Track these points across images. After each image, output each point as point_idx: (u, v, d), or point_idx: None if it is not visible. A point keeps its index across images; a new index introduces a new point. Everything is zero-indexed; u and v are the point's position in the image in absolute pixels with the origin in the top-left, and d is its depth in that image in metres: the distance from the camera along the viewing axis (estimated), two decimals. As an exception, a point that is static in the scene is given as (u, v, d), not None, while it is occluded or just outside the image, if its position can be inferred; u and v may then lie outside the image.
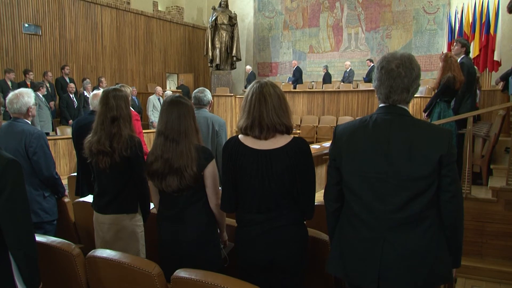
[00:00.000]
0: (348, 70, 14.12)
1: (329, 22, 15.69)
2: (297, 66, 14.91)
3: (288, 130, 2.24)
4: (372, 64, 13.72)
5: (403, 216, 1.85)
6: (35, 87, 9.13)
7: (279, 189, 2.20)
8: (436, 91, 5.54)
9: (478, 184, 5.30)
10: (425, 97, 9.79)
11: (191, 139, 2.45)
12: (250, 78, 14.90)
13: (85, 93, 10.73)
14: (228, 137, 3.60)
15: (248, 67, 15.56)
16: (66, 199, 3.67)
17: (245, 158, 2.23)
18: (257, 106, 2.20)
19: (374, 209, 1.89)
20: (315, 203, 2.30)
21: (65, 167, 8.94)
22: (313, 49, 16.12)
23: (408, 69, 1.88)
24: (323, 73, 14.46)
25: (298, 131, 12.39)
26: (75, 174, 4.34)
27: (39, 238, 2.40)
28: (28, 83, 10.00)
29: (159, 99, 11.76)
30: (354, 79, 14.10)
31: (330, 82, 14.21)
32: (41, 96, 9.18)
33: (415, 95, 2.01)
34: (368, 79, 13.74)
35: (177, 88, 15.71)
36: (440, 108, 5.39)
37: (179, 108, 2.46)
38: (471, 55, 8.65)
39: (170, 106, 2.48)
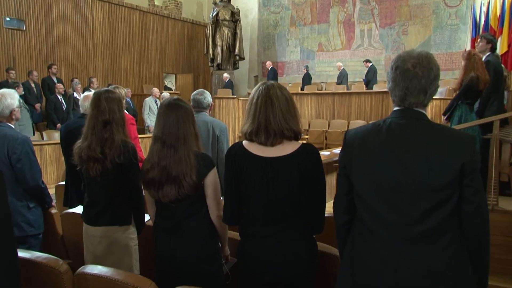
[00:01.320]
0: (341, 71, 14.27)
1: (340, 18, 15.72)
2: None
3: (296, 136, 2.25)
4: (370, 65, 13.82)
5: (421, 229, 1.81)
6: (10, 87, 9.06)
7: (287, 200, 2.21)
8: (457, 92, 5.50)
9: (507, 195, 5.19)
10: (445, 99, 9.75)
11: (190, 145, 2.46)
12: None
13: (75, 95, 10.73)
14: (230, 143, 3.61)
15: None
16: (53, 210, 3.64)
17: (249, 166, 2.24)
18: (263, 110, 2.21)
19: (388, 221, 1.86)
20: (325, 215, 2.30)
21: (52, 175, 8.91)
22: (323, 47, 16.15)
23: (425, 68, 1.85)
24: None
25: (306, 136, 12.40)
26: (63, 182, 4.33)
27: (22, 253, 2.36)
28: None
29: (155, 101, 11.81)
30: (350, 80, 14.16)
31: (309, 82, 14.43)
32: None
33: (433, 97, 2.00)
34: (366, 81, 13.79)
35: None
36: (461, 111, 5.35)
37: (177, 112, 2.47)
38: (498, 52, 8.54)
39: (168, 109, 2.49)
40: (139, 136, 5.52)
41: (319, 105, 13.37)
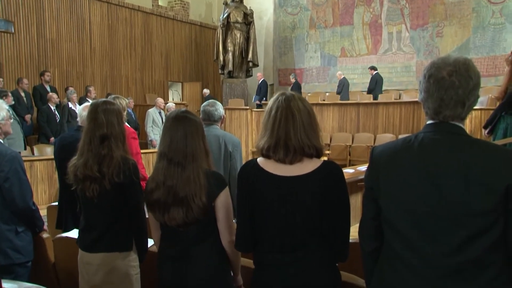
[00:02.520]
0: (341, 80, 14.38)
1: (366, 19, 15.76)
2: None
3: (318, 153, 2.25)
4: (375, 73, 13.87)
5: (459, 261, 1.76)
6: None
7: (307, 224, 2.20)
8: (501, 101, 5.42)
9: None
10: (487, 109, 9.64)
11: (199, 163, 2.47)
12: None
13: (70, 105, 10.70)
14: (244, 160, 3.61)
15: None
16: (45, 235, 3.60)
17: (265, 186, 2.23)
18: (283, 124, 2.21)
19: (421, 251, 1.83)
20: (350, 241, 2.29)
21: (43, 194, 8.88)
22: (346, 52, 16.18)
23: (463, 77, 1.82)
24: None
25: (328, 152, 12.39)
26: (57, 203, 4.33)
27: (7, 285, 2.34)
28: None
29: (159, 112, 11.89)
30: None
31: (299, 93, 14.39)
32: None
33: (473, 108, 1.98)
34: (368, 90, 13.77)
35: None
36: (507, 123, 5.25)
37: (185, 125, 2.48)
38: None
39: (175, 122, 2.50)
40: (142, 151, 5.55)
41: (342, 116, 13.39)
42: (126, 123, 3.97)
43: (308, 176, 2.19)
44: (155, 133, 11.65)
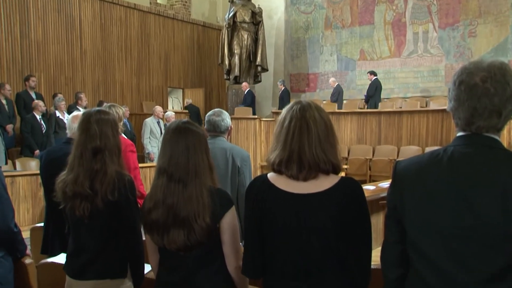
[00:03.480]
0: (335, 87, 14.54)
1: (388, 18, 15.79)
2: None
3: (335, 169, 2.25)
4: (374, 78, 13.92)
5: None
6: None
7: (323, 248, 2.19)
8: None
9: None
10: (526, 120, 9.63)
11: (203, 179, 2.47)
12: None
13: (57, 114, 10.74)
14: (252, 176, 3.60)
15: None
16: (28, 260, 3.47)
17: (276, 205, 2.24)
18: (297, 136, 2.21)
19: (453, 279, 1.80)
20: (371, 266, 2.28)
21: (26, 214, 8.81)
22: (365, 54, 16.21)
23: (499, 83, 1.78)
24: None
25: (345, 166, 12.37)
26: (42, 224, 4.32)
27: None
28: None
29: (158, 122, 11.97)
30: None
31: (288, 100, 14.42)
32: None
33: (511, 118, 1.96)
34: (367, 97, 13.76)
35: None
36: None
37: (187, 138, 2.49)
38: None
39: (176, 134, 2.51)
40: (140, 166, 5.54)
41: (361, 127, 13.41)
42: (123, 135, 3.97)
43: (324, 194, 2.19)
44: (153, 146, 11.70)
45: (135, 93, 15.77)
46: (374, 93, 13.96)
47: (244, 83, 15.73)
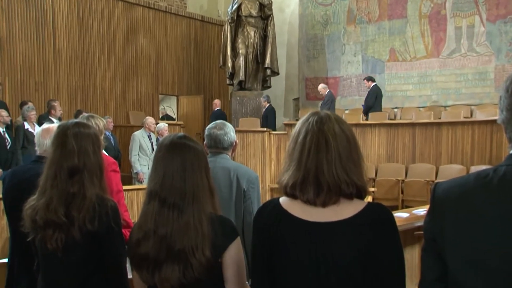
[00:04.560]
0: (327, 94, 14.65)
1: (424, 10, 15.74)
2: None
3: (360, 192, 2.25)
4: (373, 85, 14.03)
5: None
6: None
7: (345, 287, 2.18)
8: None
9: None
10: None
11: (202, 205, 2.50)
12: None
13: (26, 126, 10.65)
14: (261, 201, 3.60)
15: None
16: None
17: (290, 236, 2.24)
18: (314, 153, 2.22)
19: None
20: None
21: (-15, 247, 8.87)
22: (397, 54, 16.18)
23: None
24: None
25: (372, 189, 12.30)
26: (6, 260, 4.33)
27: None
28: None
29: (149, 136, 11.93)
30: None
31: (273, 119, 14.73)
32: None
33: None
34: (365, 107, 13.75)
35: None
36: None
37: (184, 155, 2.52)
38: None
39: (170, 151, 2.53)
40: (124, 188, 5.52)
41: (391, 141, 13.37)
42: (104, 151, 3.97)
43: (347, 223, 2.19)
44: (142, 164, 11.66)
45: (120, 101, 15.88)
46: (374, 102, 14.07)
47: (215, 101, 16.11)
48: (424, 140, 12.96)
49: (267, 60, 16.18)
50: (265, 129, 13.98)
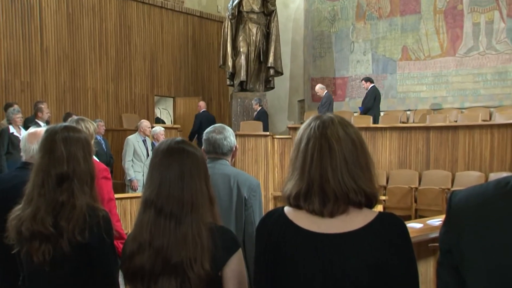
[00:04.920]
0: (325, 95, 14.80)
1: (439, 5, 15.74)
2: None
3: (370, 200, 2.24)
4: (371, 86, 14.13)
5: None
6: None
7: (356, 305, 2.17)
8: None
9: None
10: None
11: (201, 215, 2.49)
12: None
13: (11, 130, 10.60)
14: (264, 210, 3.58)
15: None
16: None
17: (296, 248, 2.23)
18: (317, 160, 2.22)
19: None
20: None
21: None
22: (409, 53, 16.19)
23: None
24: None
25: (383, 198, 12.29)
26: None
27: None
28: None
29: (144, 141, 11.87)
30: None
31: (266, 123, 14.68)
32: None
33: None
34: (363, 109, 13.83)
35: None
36: None
37: (182, 161, 2.51)
38: None
39: (167, 157, 2.53)
40: (117, 196, 5.52)
41: (403, 146, 13.36)
42: (95, 157, 3.96)
43: (356, 235, 2.19)
44: (136, 170, 11.63)
45: (113, 103, 15.91)
46: (372, 104, 14.12)
47: (200, 103, 16.07)
48: (439, 145, 12.94)
49: (270, 59, 16.20)
50: (268, 133, 13.97)
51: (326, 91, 15.10)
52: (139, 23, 16.46)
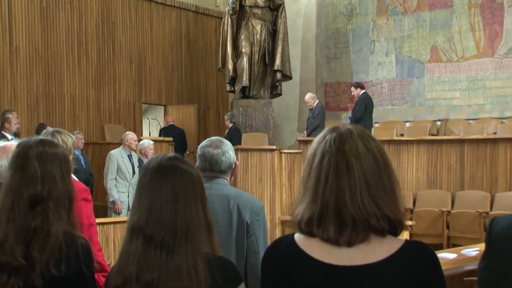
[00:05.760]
0: (316, 106, 14.93)
1: (474, -2, 15.79)
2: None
3: (394, 227, 2.21)
4: (362, 92, 14.20)
5: None
6: None
7: None
8: None
9: None
10: None
11: (197, 244, 2.48)
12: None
13: None
14: (269, 237, 3.58)
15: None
16: None
17: (309, 283, 2.22)
18: (333, 180, 2.20)
19: None
20: None
21: None
22: (439, 53, 16.21)
23: None
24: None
25: (410, 223, 12.26)
26: None
27: None
28: None
29: (129, 156, 11.91)
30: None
31: (239, 141, 14.52)
32: None
33: None
34: (354, 119, 14.14)
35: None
36: None
37: (175, 181, 2.52)
38: None
39: (158, 177, 2.53)
40: (98, 221, 5.51)
41: (433, 162, 13.41)
42: (73, 176, 3.96)
43: (379, 267, 2.17)
44: (120, 191, 11.65)
45: (94, 112, 15.93)
46: (363, 113, 14.19)
47: (168, 117, 15.98)
48: (475, 161, 12.97)
49: (277, 61, 16.19)
50: (274, 147, 13.95)
51: (317, 101, 15.32)
52: (124, 19, 16.49)
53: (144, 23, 16.93)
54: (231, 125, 15.55)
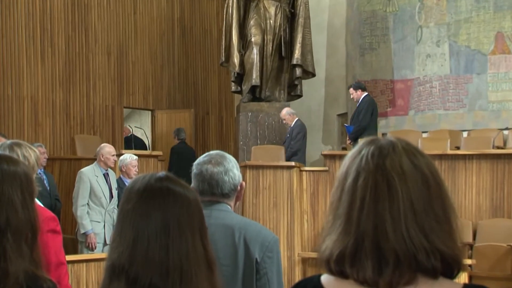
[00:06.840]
0: (293, 125, 15.01)
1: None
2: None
3: (449, 266, 2.17)
4: (365, 95, 14.43)
5: None
6: None
7: None
8: None
9: None
10: None
11: (195, 286, 2.45)
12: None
13: None
14: (286, 279, 3.59)
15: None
16: None
17: None
18: (371, 206, 2.15)
19: None
20: None
21: None
22: (507, 43, 16.19)
23: None
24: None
25: (469, 262, 12.27)
26: None
27: None
28: None
29: (106, 175, 11.94)
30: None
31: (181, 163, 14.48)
32: None
33: None
34: (358, 129, 14.23)
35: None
36: None
37: (166, 209, 2.48)
38: None
39: (145, 202, 2.49)
40: (67, 259, 5.52)
41: (498, 183, 13.38)
42: (37, 200, 3.98)
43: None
44: (94, 220, 11.70)
45: (61, 119, 16.02)
46: (369, 120, 14.26)
47: (125, 128, 15.97)
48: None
49: (296, 54, 16.20)
50: (293, 163, 13.83)
51: (297, 118, 15.20)
52: (100, 1, 16.53)
53: (125, 6, 17.01)
54: (177, 142, 15.72)
